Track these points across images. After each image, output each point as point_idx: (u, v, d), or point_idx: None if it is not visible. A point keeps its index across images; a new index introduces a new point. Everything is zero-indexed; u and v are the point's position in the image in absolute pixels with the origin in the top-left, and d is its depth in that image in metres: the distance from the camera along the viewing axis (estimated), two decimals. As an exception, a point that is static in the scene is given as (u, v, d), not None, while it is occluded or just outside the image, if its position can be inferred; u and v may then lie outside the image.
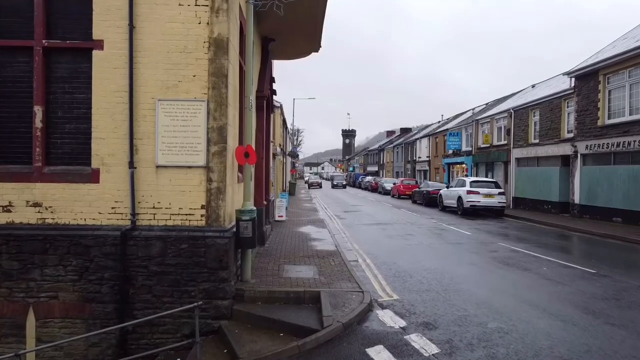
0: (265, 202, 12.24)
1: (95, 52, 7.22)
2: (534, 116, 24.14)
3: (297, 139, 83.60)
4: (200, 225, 7.30)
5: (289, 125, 41.45)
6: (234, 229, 7.71)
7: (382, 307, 7.14)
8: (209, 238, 7.20)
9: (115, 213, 7.28)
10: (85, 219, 7.25)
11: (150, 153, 7.27)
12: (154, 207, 7.29)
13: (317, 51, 14.14)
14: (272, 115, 15.09)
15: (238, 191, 8.47)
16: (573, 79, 20.21)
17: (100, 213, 7.27)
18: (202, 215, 7.31)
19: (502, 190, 21.54)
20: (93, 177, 7.25)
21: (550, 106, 22.27)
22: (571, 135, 20.52)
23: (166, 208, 7.29)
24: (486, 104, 38.47)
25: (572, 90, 20.31)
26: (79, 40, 7.27)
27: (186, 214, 7.31)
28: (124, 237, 7.14)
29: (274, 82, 13.40)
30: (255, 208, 7.89)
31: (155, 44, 7.25)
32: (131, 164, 7.20)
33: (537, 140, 23.54)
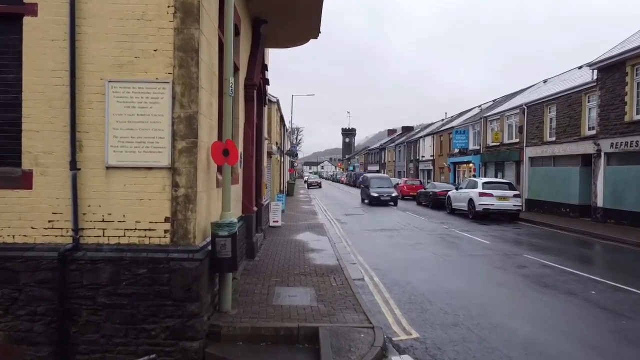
0: (255, 208, 10.59)
1: (26, 20, 5.59)
2: (549, 112, 22.47)
3: (296, 138, 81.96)
4: (163, 244, 5.65)
5: (287, 123, 39.77)
6: (209, 247, 6.06)
7: (399, 350, 5.50)
8: (175, 260, 5.56)
9: (52, 228, 5.64)
10: (13, 236, 5.61)
11: (98, 150, 5.64)
12: (103, 221, 5.65)
13: (316, 37, 12.48)
14: (265, 108, 13.43)
15: (217, 198, 6.81)
16: (595, 71, 18.53)
17: (33, 228, 5.62)
18: (165, 231, 5.67)
19: (517, 192, 19.88)
20: (24, 181, 5.60)
21: (569, 101, 20.59)
22: (593, 132, 18.84)
23: (119, 221, 5.65)
24: (493, 100, 36.80)
25: (595, 83, 18.62)
26: (6, 3, 5.62)
27: (145, 229, 5.67)
28: (64, 260, 5.50)
29: (267, 69, 11.74)
30: (235, 220, 6.23)
31: (104, 9, 5.61)
32: (73, 165, 5.56)
33: (553, 138, 21.87)
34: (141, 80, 5.63)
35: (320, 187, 58.47)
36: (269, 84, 12.26)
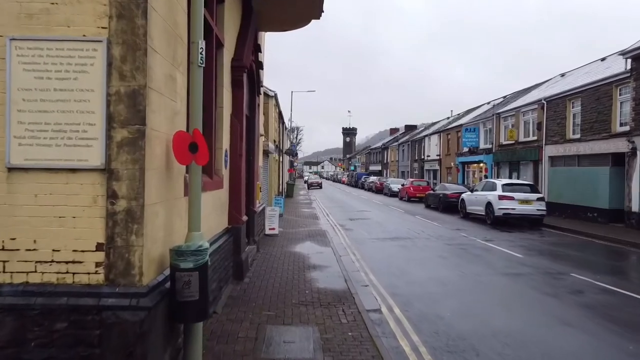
0: (245, 218, 8.70)
1: None
2: (572, 107, 20.56)
3: (296, 137, 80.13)
4: (94, 284, 3.78)
5: (286, 121, 37.87)
6: (167, 285, 4.18)
7: None
8: (109, 310, 3.68)
9: None
10: None
11: (-6, 143, 3.76)
12: (3, 249, 3.78)
13: (318, 17, 10.59)
14: (260, 99, 11.53)
15: (184, 214, 4.90)
16: (629, 60, 16.64)
17: None
18: (97, 264, 3.79)
19: (541, 195, 17.97)
20: None
21: (597, 94, 18.68)
22: (626, 128, 16.95)
23: (28, 250, 3.77)
24: (504, 97, 34.90)
25: (629, 74, 16.73)
26: None
27: (67, 262, 3.79)
28: (-60, 309, 3.63)
29: (260, 51, 9.85)
30: (207, 245, 4.33)
31: None
32: (-43, 165, 3.69)
33: (577, 136, 19.97)
34: (61, 38, 3.76)
35: (320, 187, 56.55)
36: (262, 69, 10.37)
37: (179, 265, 4.08)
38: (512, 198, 17.15)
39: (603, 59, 23.14)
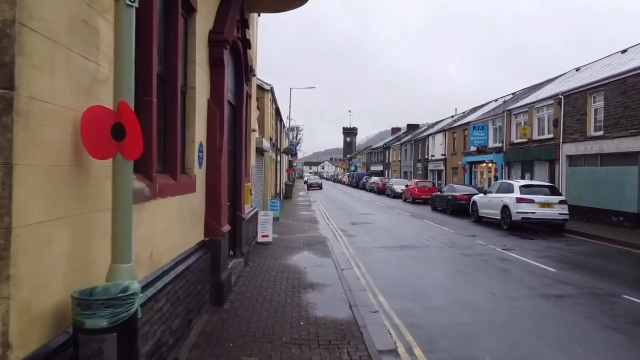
0: (227, 227, 7.08)
1: None
2: (594, 102, 18.96)
3: (295, 137, 78.57)
4: None
5: (284, 118, 36.26)
6: (69, 350, 2.57)
7: None
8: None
9: None
10: None
11: None
12: None
13: (317, -6, 9.02)
14: (250, 87, 9.93)
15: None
16: (662, 49, 15.03)
17: None
18: None
19: (563, 197, 16.33)
20: None
21: (623, 87, 17.07)
22: (658, 124, 15.36)
23: None
24: (513, 93, 33.30)
25: (661, 64, 15.15)
26: None
27: None
28: None
29: (247, 27, 8.23)
30: (135, 288, 2.72)
31: None
32: None
33: (600, 133, 18.36)
34: None
35: (320, 188, 54.98)
36: (250, 48, 8.74)
37: (84, 323, 2.48)
38: (531, 201, 15.55)
39: (624, 51, 21.58)
